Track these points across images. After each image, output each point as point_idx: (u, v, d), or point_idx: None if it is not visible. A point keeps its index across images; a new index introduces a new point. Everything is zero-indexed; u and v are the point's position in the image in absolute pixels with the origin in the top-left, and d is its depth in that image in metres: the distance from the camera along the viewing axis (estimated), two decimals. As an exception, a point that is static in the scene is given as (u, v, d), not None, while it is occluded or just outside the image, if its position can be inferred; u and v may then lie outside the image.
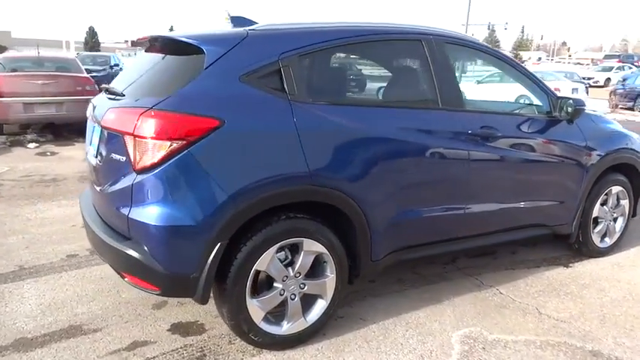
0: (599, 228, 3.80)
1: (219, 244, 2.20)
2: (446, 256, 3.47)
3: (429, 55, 2.82)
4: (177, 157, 2.11)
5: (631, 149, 3.77)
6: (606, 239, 3.88)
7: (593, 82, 27.79)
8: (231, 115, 2.20)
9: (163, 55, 2.56)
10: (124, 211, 2.22)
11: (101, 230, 2.41)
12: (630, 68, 29.67)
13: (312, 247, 2.44)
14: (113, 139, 2.32)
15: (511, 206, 3.19)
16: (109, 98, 2.60)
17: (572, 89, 15.09)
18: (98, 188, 2.51)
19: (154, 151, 2.11)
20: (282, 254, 2.42)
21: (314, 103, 2.43)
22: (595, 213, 3.71)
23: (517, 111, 3.38)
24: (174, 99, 2.17)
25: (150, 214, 2.14)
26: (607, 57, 46.23)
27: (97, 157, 2.57)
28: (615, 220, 3.91)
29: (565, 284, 3.39)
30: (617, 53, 50.78)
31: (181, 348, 2.53)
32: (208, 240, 2.17)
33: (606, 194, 3.74)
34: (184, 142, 2.11)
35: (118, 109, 2.28)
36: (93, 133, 2.72)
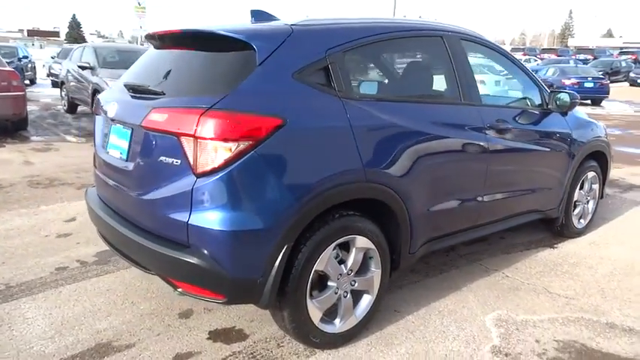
0: (577, 210, 4.15)
1: (285, 246, 2.14)
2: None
3: (450, 51, 2.92)
4: (243, 159, 2.02)
5: (600, 137, 4.14)
6: (581, 220, 4.25)
7: (504, 75, 29.78)
8: (291, 114, 2.14)
9: (200, 50, 2.42)
10: (181, 217, 2.09)
11: (144, 238, 2.24)
12: (535, 61, 32.21)
13: (363, 243, 2.45)
14: (161, 141, 2.16)
15: (517, 193, 3.41)
16: (136, 97, 2.42)
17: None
18: (133, 193, 2.33)
19: (218, 153, 2.01)
20: (334, 253, 2.40)
21: (359, 100, 2.42)
22: (575, 197, 4.05)
23: (515, 104, 3.58)
24: (233, 97, 2.07)
25: (215, 219, 2.03)
26: (513, 50, 49.78)
27: (127, 160, 2.39)
28: (588, 202, 4.29)
29: (558, 264, 3.67)
30: (522, 47, 54.88)
31: (231, 356, 2.44)
32: (276, 242, 2.11)
33: (583, 179, 4.09)
34: (250, 142, 2.02)
35: (170, 109, 2.12)
36: (114, 133, 2.52)
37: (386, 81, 2.77)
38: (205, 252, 2.06)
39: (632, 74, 26.86)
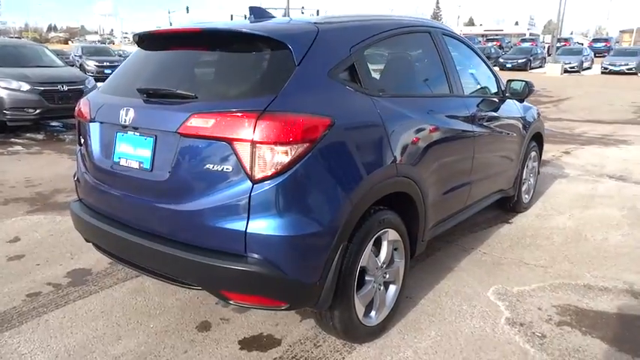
0: (524, 187, 4.59)
1: (341, 245, 2.14)
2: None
3: (438, 46, 3.08)
4: (301, 162, 1.97)
5: (538, 119, 4.62)
6: (526, 196, 4.71)
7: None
8: (336, 113, 2.13)
9: (226, 50, 2.29)
10: (237, 226, 1.99)
11: (185, 251, 2.09)
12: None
13: (393, 236, 2.52)
14: (206, 147, 2.02)
15: (491, 174, 3.70)
16: (155, 102, 2.23)
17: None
18: (164, 205, 2.16)
19: (277, 157, 1.94)
20: (372, 247, 2.44)
21: (381, 96, 2.47)
22: (524, 175, 4.48)
23: (483, 93, 3.85)
24: (283, 99, 2.00)
25: (277, 225, 1.97)
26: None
27: (152, 169, 2.20)
28: (530, 179, 4.77)
29: (520, 237, 4.06)
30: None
31: (274, 363, 2.38)
32: (334, 243, 2.10)
33: (528, 158, 4.54)
34: (307, 144, 1.98)
35: (217, 113, 1.98)
36: (125, 142, 2.31)
37: (396, 76, 2.84)
38: (267, 260, 1.99)
39: (501, 59, 29.74)
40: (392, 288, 2.66)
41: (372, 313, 2.52)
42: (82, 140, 2.64)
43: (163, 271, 2.25)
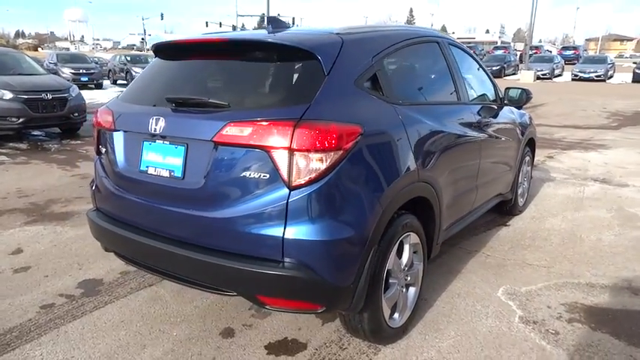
0: (520, 191, 4.75)
1: (372, 249, 2.20)
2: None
3: (446, 55, 3.20)
4: (337, 168, 2.03)
5: (531, 125, 4.79)
6: (521, 199, 4.87)
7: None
8: (365, 121, 2.20)
9: (254, 60, 2.34)
10: (274, 232, 2.03)
11: (220, 257, 2.13)
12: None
13: (414, 239, 2.60)
14: (242, 155, 2.07)
15: (494, 178, 3.83)
16: (185, 110, 2.26)
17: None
18: (197, 212, 2.18)
19: (314, 165, 2.00)
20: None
21: (401, 104, 2.56)
22: (519, 179, 4.64)
23: (485, 100, 3.98)
24: (316, 107, 2.06)
25: (314, 230, 2.02)
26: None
27: (184, 177, 2.23)
28: (525, 183, 4.93)
29: (520, 239, 4.20)
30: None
31: (304, 366, 2.42)
32: (367, 246, 2.17)
33: (523, 163, 4.70)
34: (342, 151, 2.05)
35: (254, 122, 2.03)
36: (154, 151, 2.33)
37: (412, 85, 2.93)
38: (304, 264, 2.04)
39: None
40: (412, 290, 2.73)
41: (396, 315, 2.59)
42: (103, 149, 2.64)
43: (197, 279, 2.27)
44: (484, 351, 2.56)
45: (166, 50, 2.66)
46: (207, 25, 52.17)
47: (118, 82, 22.97)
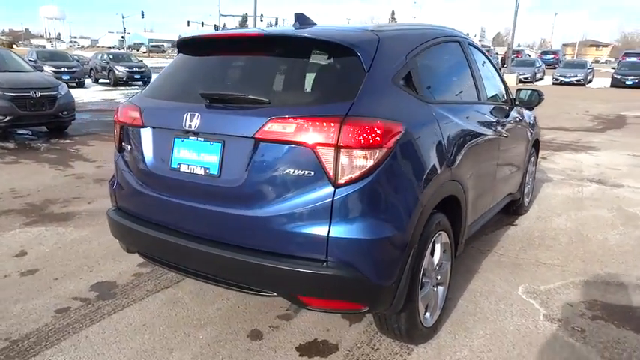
0: (526, 190, 4.80)
1: (413, 247, 2.18)
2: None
3: (466, 54, 3.21)
4: (382, 166, 2.01)
5: (537, 125, 4.84)
6: (526, 199, 4.92)
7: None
8: (405, 118, 2.18)
9: (291, 56, 2.30)
10: (319, 230, 1.99)
11: (261, 257, 2.08)
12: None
13: (444, 238, 2.59)
14: (284, 152, 2.02)
15: (507, 178, 3.85)
16: (220, 107, 2.21)
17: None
18: (235, 211, 2.13)
19: (360, 162, 1.97)
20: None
21: (432, 102, 2.55)
22: (526, 179, 4.68)
23: (499, 100, 4.00)
24: (360, 104, 2.03)
25: (360, 229, 1.99)
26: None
27: (221, 175, 2.17)
28: (530, 183, 4.99)
29: (529, 239, 4.23)
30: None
31: (339, 368, 2.39)
32: (409, 246, 2.14)
33: (529, 163, 4.74)
34: (386, 149, 2.02)
35: (298, 118, 1.98)
36: (187, 148, 2.27)
37: (441, 83, 2.92)
38: (349, 263, 2.01)
39: None
40: (441, 289, 2.72)
41: (428, 314, 2.57)
42: (128, 146, 2.56)
43: (233, 279, 2.22)
44: (516, 349, 2.56)
45: (194, 45, 2.60)
46: (188, 25, 51.84)
47: (100, 80, 22.54)
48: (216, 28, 51.80)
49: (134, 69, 21.74)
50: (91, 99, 15.58)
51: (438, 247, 2.56)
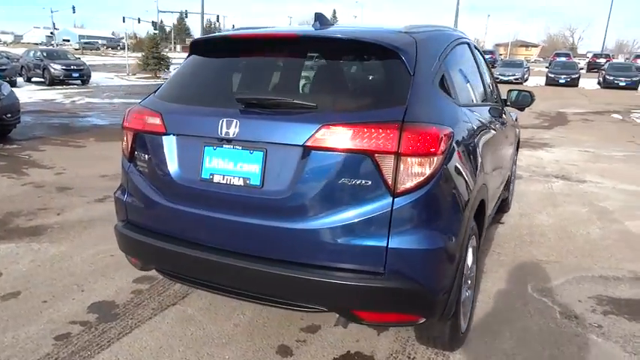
0: (511, 188, 4.92)
1: (462, 256, 2.14)
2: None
3: (475, 56, 3.22)
4: (439, 173, 1.94)
5: (519, 125, 4.97)
6: (510, 197, 5.05)
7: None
8: (450, 122, 2.13)
9: (331, 57, 2.18)
10: (376, 242, 1.90)
11: (310, 272, 1.96)
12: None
13: (474, 242, 2.57)
14: (339, 161, 1.90)
15: (503, 177, 3.92)
16: (259, 112, 2.06)
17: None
18: (281, 224, 1.99)
19: (419, 169, 1.89)
20: None
21: (462, 105, 2.52)
22: (511, 177, 4.80)
23: (494, 101, 4.05)
24: (412, 109, 1.95)
25: (419, 239, 1.92)
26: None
27: (263, 186, 2.02)
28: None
29: (520, 236, 4.33)
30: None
31: (382, 381, 2.30)
32: (460, 254, 2.10)
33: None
34: (441, 155, 1.96)
35: (355, 125, 1.87)
36: (222, 157, 2.10)
37: (463, 85, 2.89)
38: (407, 275, 1.93)
39: None
40: (470, 293, 2.70)
41: (460, 320, 2.54)
42: (144, 155, 2.34)
43: (278, 295, 2.08)
44: (545, 350, 2.58)
45: (215, 46, 2.41)
46: (124, 21, 49.48)
47: (34, 79, 21.11)
48: (154, 24, 49.82)
49: (71, 67, 20.54)
50: (28, 99, 14.50)
51: (470, 251, 2.53)
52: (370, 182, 1.89)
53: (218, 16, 52.38)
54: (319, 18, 2.54)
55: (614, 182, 6.35)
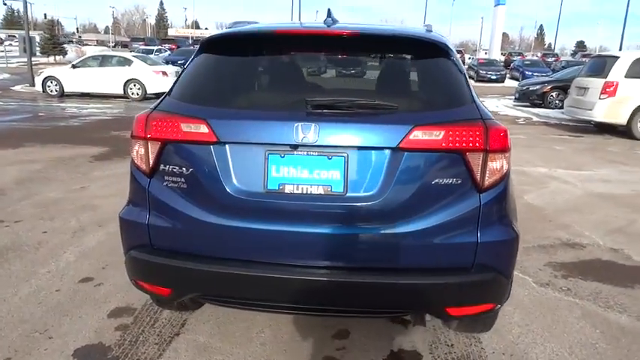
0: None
1: None
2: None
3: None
4: (508, 167, 2.06)
5: None
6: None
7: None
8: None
9: (391, 56, 2.12)
10: (468, 237, 1.95)
11: (409, 277, 1.93)
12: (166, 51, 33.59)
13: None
14: (429, 161, 1.90)
15: None
16: (331, 115, 1.93)
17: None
18: (376, 231, 1.92)
19: (500, 164, 1.98)
20: None
21: None
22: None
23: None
24: (480, 107, 2.04)
25: (503, 231, 2.03)
26: (134, 40, 49.88)
27: (346, 193, 1.91)
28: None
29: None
30: (142, 36, 55.27)
31: (442, 373, 2.35)
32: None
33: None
34: (509, 150, 2.07)
35: (445, 125, 1.86)
36: (295, 165, 1.93)
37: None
38: (490, 266, 2.01)
39: None
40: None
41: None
42: (179, 169, 2.01)
43: (368, 305, 1.99)
44: (546, 318, 2.90)
45: (259, 42, 2.16)
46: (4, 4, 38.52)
47: None
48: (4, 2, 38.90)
49: None
50: None
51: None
52: (460, 180, 1.92)
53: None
54: (330, 14, 2.46)
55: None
